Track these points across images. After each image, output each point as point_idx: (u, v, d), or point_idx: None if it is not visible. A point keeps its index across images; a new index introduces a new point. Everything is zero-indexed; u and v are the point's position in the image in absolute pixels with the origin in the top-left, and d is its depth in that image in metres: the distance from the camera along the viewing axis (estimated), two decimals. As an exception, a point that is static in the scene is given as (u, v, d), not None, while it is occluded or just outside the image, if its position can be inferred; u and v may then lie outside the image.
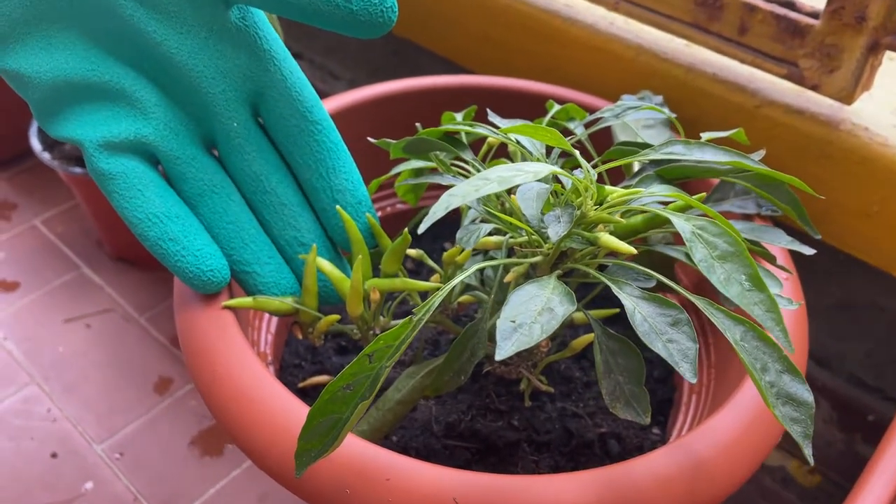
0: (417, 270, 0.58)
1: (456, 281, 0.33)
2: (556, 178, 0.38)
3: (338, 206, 0.42)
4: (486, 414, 0.47)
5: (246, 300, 0.42)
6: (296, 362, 0.53)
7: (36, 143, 0.82)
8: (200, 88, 0.38)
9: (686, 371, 0.29)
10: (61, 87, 0.38)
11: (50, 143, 0.84)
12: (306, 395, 0.50)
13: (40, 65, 0.37)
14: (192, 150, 0.40)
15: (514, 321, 0.29)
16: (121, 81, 0.38)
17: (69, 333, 0.83)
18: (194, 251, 0.39)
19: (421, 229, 0.29)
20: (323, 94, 0.95)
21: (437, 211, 0.28)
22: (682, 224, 0.31)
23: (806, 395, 0.30)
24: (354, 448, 0.35)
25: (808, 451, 0.30)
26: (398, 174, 0.48)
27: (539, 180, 0.33)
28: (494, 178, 0.30)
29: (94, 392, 0.77)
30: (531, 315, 0.29)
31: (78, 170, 0.79)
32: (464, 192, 0.29)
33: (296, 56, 0.98)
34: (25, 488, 0.69)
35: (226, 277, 0.40)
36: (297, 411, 0.36)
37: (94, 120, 0.39)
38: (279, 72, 0.39)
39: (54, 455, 0.72)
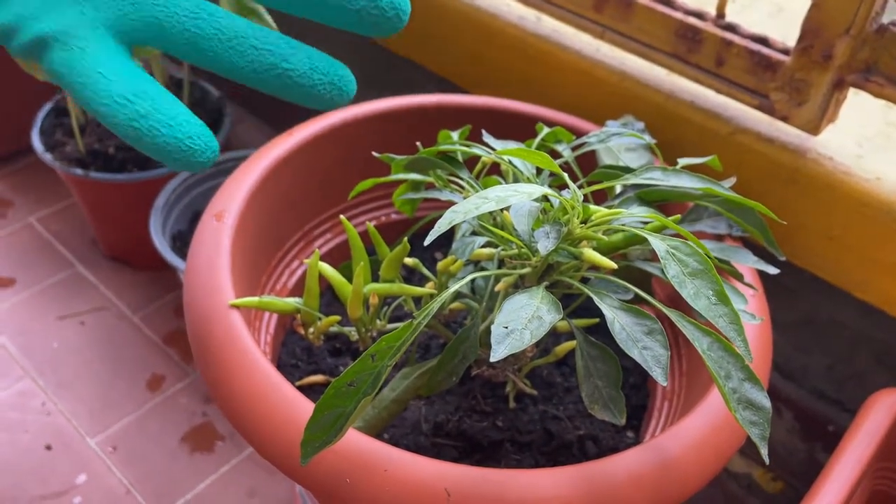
0: (409, 278, 0.61)
1: (453, 288, 0.36)
2: (545, 197, 0.41)
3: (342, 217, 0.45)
4: (472, 415, 0.50)
5: (251, 300, 0.45)
6: (292, 362, 0.56)
7: (38, 144, 0.84)
8: None
9: (658, 375, 0.33)
10: None
11: (52, 145, 0.86)
12: (302, 393, 0.53)
13: None
14: None
15: (506, 327, 0.32)
16: None
17: (63, 330, 0.85)
18: (167, 122, 0.35)
19: (427, 241, 0.33)
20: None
21: (442, 226, 0.31)
22: (658, 243, 0.34)
23: (764, 401, 0.34)
24: (355, 441, 0.38)
25: (764, 452, 0.33)
26: (399, 181, 0.51)
27: (532, 200, 0.37)
28: (493, 197, 0.33)
29: (87, 387, 0.79)
30: (522, 322, 0.32)
31: (78, 171, 0.81)
32: (465, 209, 0.32)
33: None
34: (20, 480, 0.71)
35: (211, 145, 0.35)
36: (301, 406, 0.39)
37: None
38: None
39: (48, 447, 0.74)
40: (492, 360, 0.31)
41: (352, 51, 0.89)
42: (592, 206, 0.40)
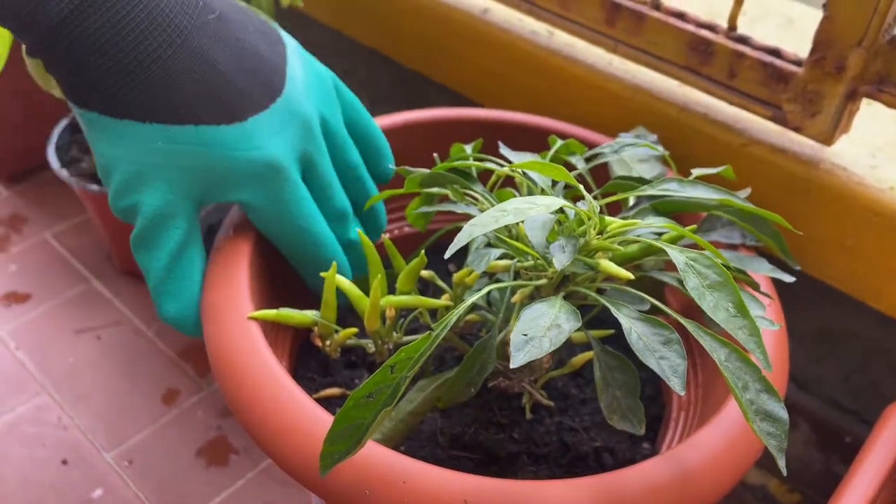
0: (423, 290, 0.61)
1: (471, 300, 0.36)
2: (561, 209, 0.42)
3: (359, 230, 0.46)
4: (488, 427, 0.50)
5: (269, 312, 0.45)
6: (308, 375, 0.56)
7: (54, 160, 0.85)
8: None
9: (676, 384, 0.33)
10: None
11: (67, 161, 0.87)
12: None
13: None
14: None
15: (526, 334, 0.32)
16: None
17: (79, 344, 0.85)
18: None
19: (447, 255, 0.33)
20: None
21: (461, 239, 0.32)
22: (676, 255, 0.35)
23: (781, 412, 0.34)
24: (375, 453, 0.38)
25: (781, 464, 0.33)
26: (412, 194, 0.51)
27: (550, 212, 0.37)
28: (511, 209, 0.33)
29: (103, 402, 0.80)
30: (541, 330, 0.33)
31: (94, 187, 0.82)
32: (484, 222, 0.32)
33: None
34: (37, 494, 0.72)
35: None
36: (320, 418, 0.39)
37: None
38: None
39: (65, 462, 0.74)
40: (511, 366, 0.31)
41: (365, 66, 0.90)
42: (608, 218, 0.40)
